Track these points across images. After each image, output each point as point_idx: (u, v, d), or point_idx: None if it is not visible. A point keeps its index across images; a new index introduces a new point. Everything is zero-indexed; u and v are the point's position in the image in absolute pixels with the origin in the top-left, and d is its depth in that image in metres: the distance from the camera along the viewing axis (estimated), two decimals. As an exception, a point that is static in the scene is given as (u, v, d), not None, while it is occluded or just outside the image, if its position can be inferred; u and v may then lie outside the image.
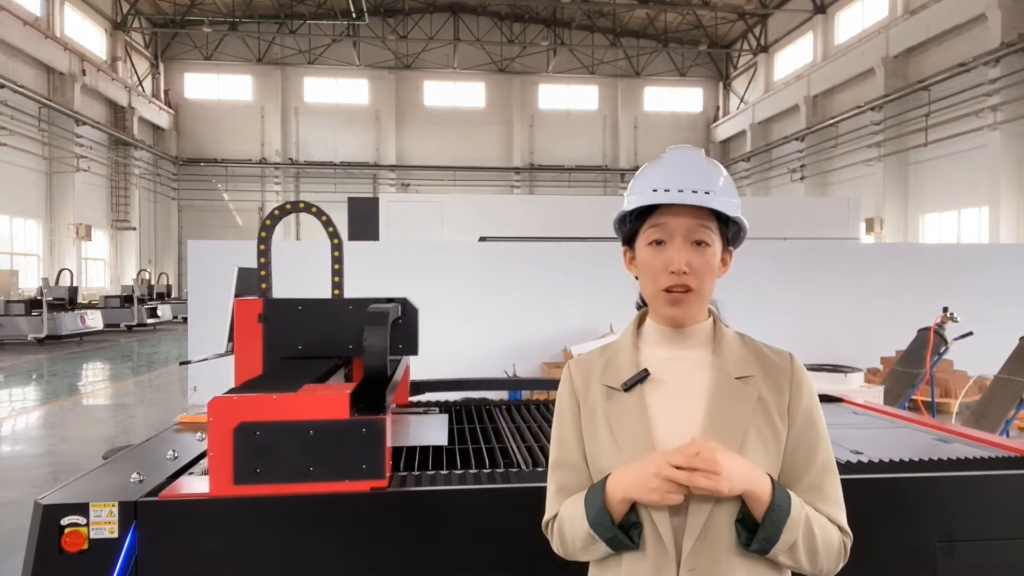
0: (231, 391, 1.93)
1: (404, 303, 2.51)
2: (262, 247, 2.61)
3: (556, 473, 1.33)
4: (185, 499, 1.80)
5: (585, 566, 1.33)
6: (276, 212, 2.67)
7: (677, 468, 1.13)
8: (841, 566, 1.22)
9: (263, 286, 2.59)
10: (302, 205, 2.78)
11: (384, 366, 2.05)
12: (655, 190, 1.25)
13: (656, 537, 1.18)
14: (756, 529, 1.16)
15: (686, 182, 1.24)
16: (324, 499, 1.81)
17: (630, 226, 1.32)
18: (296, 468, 1.81)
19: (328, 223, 2.92)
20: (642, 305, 1.41)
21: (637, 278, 1.34)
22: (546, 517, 1.33)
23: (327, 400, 1.84)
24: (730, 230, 1.31)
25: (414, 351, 2.53)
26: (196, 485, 1.89)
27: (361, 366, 2.27)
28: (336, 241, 2.92)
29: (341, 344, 2.45)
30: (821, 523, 1.20)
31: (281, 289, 2.70)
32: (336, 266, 2.95)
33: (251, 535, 1.80)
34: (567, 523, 1.26)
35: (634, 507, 1.20)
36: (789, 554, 1.17)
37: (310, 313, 2.45)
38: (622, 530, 1.19)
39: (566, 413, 1.34)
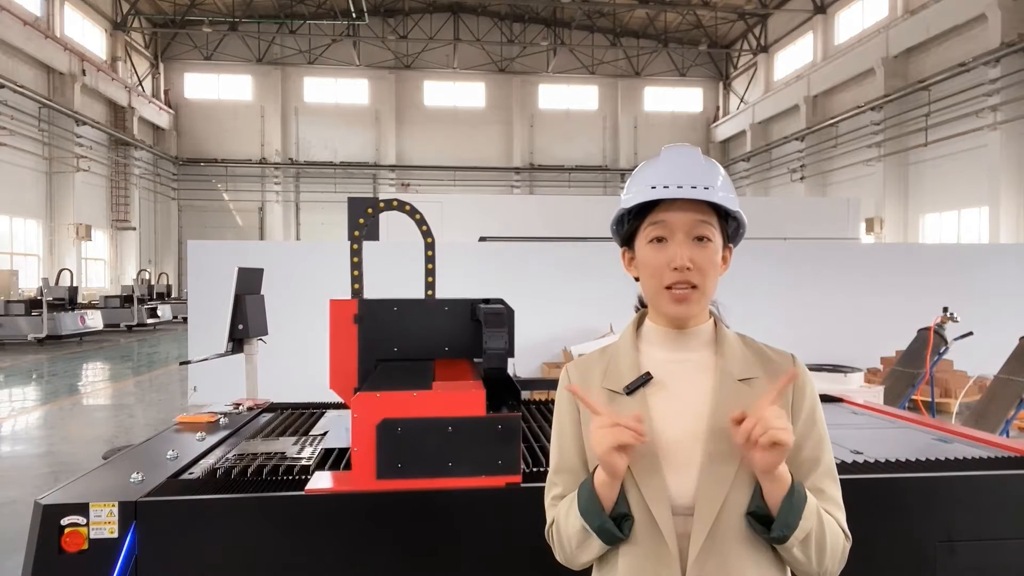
0: (367, 387, 1.95)
1: (503, 304, 2.43)
2: (355, 246, 2.60)
3: (556, 478, 1.32)
4: (185, 500, 1.80)
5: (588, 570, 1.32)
6: (370, 211, 2.64)
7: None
8: (841, 568, 1.21)
9: (356, 286, 2.60)
10: (395, 203, 2.74)
11: (505, 367, 2.07)
12: (654, 187, 1.23)
13: (655, 532, 1.18)
14: (767, 523, 1.15)
15: (686, 178, 1.23)
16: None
17: (629, 226, 1.30)
18: (436, 464, 1.86)
19: (422, 221, 2.87)
20: (640, 307, 1.40)
21: (637, 279, 1.33)
22: (548, 523, 1.32)
23: (466, 398, 1.88)
24: (730, 227, 1.30)
25: (511, 353, 2.44)
26: (333, 481, 1.91)
27: (446, 368, 2.30)
28: (429, 240, 2.88)
29: (437, 346, 2.39)
30: (831, 525, 1.19)
31: (282, 290, 2.70)
32: (429, 265, 2.93)
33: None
34: (562, 521, 1.26)
35: (627, 500, 1.19)
36: (802, 546, 1.15)
37: (405, 313, 2.39)
38: (614, 522, 1.18)
39: (565, 418, 1.33)
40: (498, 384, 2.02)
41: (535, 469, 2.08)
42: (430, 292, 2.89)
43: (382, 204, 2.69)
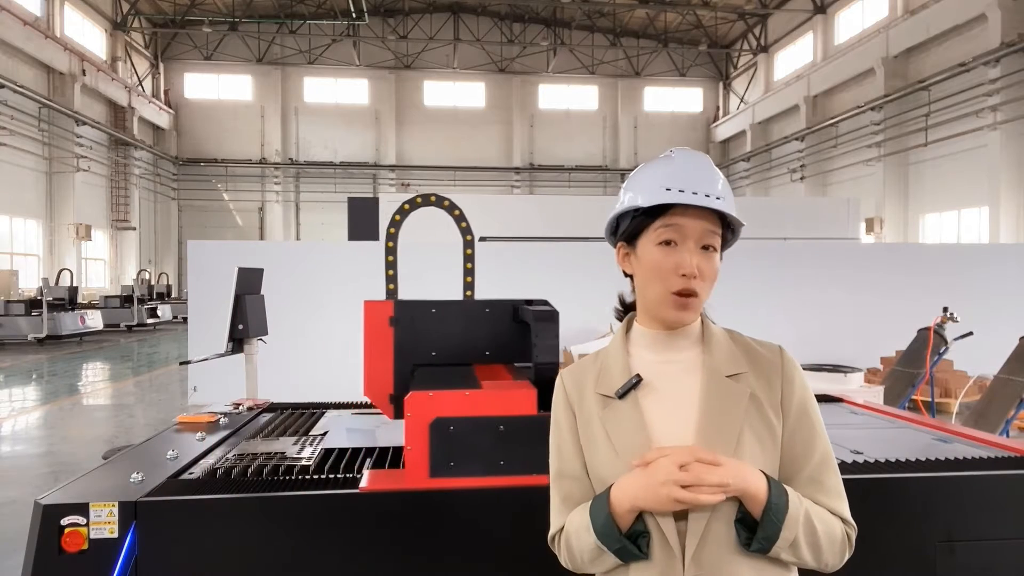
0: (422, 387, 1.94)
1: (548, 305, 2.31)
2: (390, 244, 2.52)
3: (559, 484, 1.32)
4: (185, 500, 1.79)
5: None
6: (407, 206, 2.54)
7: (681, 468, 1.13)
8: (847, 557, 1.21)
9: (391, 286, 2.51)
10: (433, 198, 2.62)
11: (556, 365, 2.05)
12: (669, 189, 1.23)
13: (663, 543, 1.18)
14: (756, 528, 1.16)
15: (702, 186, 1.23)
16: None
17: (634, 222, 1.28)
18: (488, 462, 1.86)
19: (461, 218, 2.76)
20: (622, 310, 1.40)
21: (629, 276, 1.32)
22: (552, 530, 1.32)
23: (517, 396, 1.89)
24: (726, 235, 1.31)
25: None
26: (390, 479, 1.92)
27: (484, 373, 2.25)
28: (469, 238, 2.79)
29: (477, 350, 2.29)
30: (822, 517, 1.19)
31: (282, 290, 2.68)
32: (468, 265, 2.83)
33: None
34: (574, 536, 1.25)
35: (640, 516, 1.18)
36: (791, 551, 1.16)
37: (444, 315, 2.29)
38: (630, 539, 1.18)
39: (562, 424, 1.33)
40: (547, 384, 2.02)
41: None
42: (469, 293, 2.79)
43: (419, 199, 2.57)
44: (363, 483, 1.88)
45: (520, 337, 2.29)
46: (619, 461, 1.22)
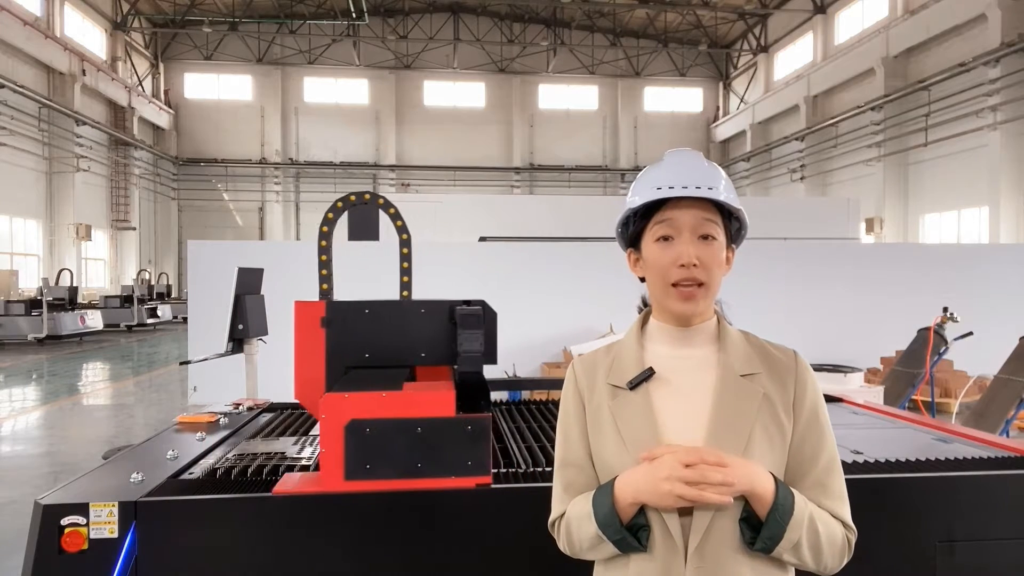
0: (336, 389, 1.92)
1: (483, 306, 2.20)
2: (323, 243, 2.44)
3: (562, 472, 1.34)
4: (185, 500, 1.80)
5: (589, 566, 1.33)
6: (339, 204, 2.47)
7: (686, 467, 1.13)
8: (846, 561, 1.23)
9: (324, 287, 2.44)
10: (367, 196, 2.54)
11: (480, 371, 2.02)
12: (659, 188, 1.27)
13: (666, 536, 1.19)
14: (760, 528, 1.17)
15: (690, 179, 1.26)
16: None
17: (635, 227, 1.33)
18: (405, 464, 1.83)
19: (396, 216, 2.68)
20: (643, 307, 1.42)
21: (643, 280, 1.35)
22: (552, 516, 1.34)
23: (435, 398, 1.85)
24: (732, 227, 1.33)
25: (493, 359, 2.19)
26: (304, 482, 1.89)
27: (424, 376, 2.22)
28: (405, 237, 2.71)
29: (413, 351, 2.21)
30: (825, 520, 1.20)
31: (282, 290, 2.67)
32: (405, 264, 2.74)
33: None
34: (575, 523, 1.26)
35: (642, 509, 1.20)
36: (793, 552, 1.18)
37: (378, 316, 2.21)
38: (630, 532, 1.19)
39: (571, 412, 1.35)
40: (474, 387, 1.99)
41: (535, 469, 2.08)
42: (405, 293, 2.72)
43: (352, 198, 2.50)
44: (276, 486, 1.85)
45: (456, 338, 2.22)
46: (626, 451, 1.24)
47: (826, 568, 1.21)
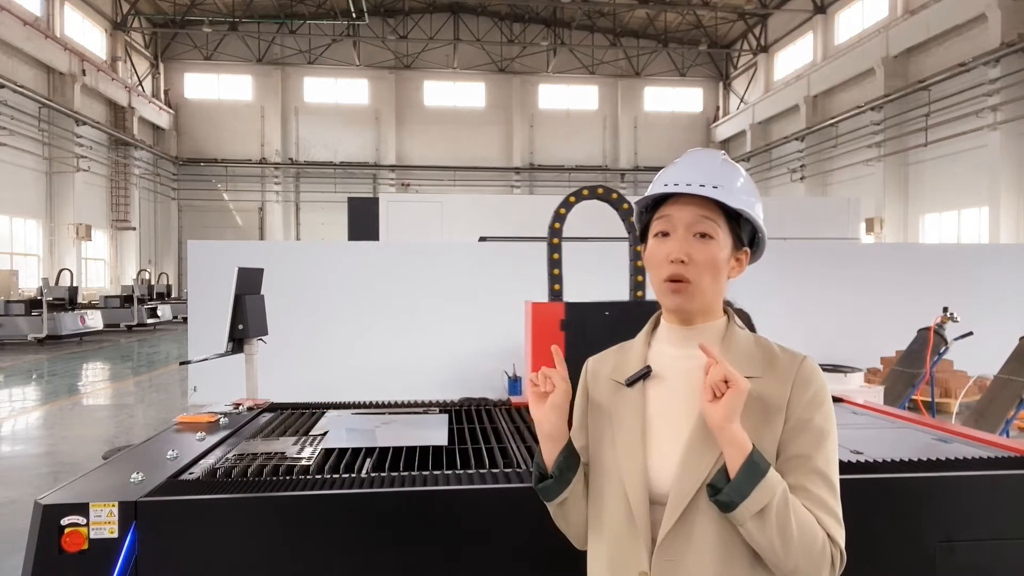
0: None
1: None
2: (555, 240, 2.32)
3: None
4: (185, 500, 1.79)
5: (585, 564, 1.35)
6: (572, 199, 2.35)
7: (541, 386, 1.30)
8: (818, 572, 1.14)
9: (556, 287, 2.31)
10: (601, 191, 2.41)
11: None
12: (665, 184, 1.29)
13: (631, 525, 1.22)
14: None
15: (693, 177, 1.27)
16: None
17: (641, 222, 1.39)
18: None
19: (630, 211, 2.57)
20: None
21: None
22: None
23: None
24: (743, 229, 1.31)
25: None
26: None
27: None
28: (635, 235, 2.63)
29: None
30: (804, 516, 1.14)
31: (282, 290, 2.66)
32: (638, 263, 2.59)
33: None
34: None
35: (572, 454, 1.31)
36: (758, 523, 1.11)
37: (618, 319, 2.09)
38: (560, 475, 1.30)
39: (578, 404, 1.42)
40: None
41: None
42: (639, 293, 2.54)
43: (586, 192, 2.36)
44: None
45: None
46: (613, 445, 1.28)
47: (796, 568, 1.13)
